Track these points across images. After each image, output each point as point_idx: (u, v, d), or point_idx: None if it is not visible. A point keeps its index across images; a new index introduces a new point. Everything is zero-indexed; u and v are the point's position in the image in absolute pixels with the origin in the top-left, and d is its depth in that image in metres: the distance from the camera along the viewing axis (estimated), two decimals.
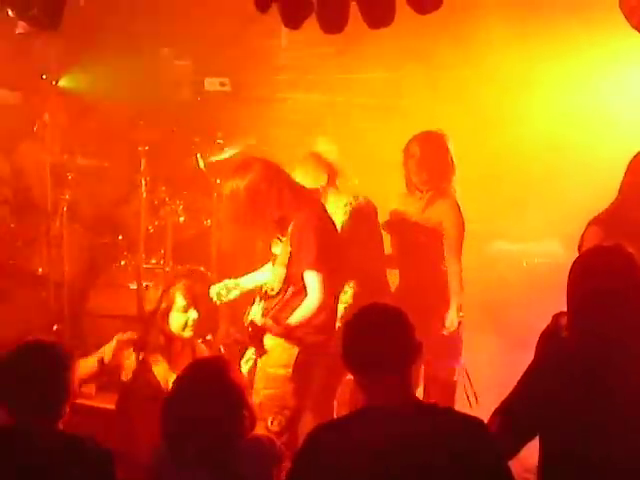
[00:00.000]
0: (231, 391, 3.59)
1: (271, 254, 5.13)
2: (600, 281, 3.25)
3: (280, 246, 4.97)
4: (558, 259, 7.00)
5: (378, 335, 3.08)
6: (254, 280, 5.33)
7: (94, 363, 4.87)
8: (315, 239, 4.80)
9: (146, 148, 6.99)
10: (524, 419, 3.29)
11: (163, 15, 7.39)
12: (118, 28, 7.51)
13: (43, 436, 3.30)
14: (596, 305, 3.23)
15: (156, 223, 7.24)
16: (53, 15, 4.76)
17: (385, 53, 7.41)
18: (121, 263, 7.25)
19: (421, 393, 5.51)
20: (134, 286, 7.01)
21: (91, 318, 7.00)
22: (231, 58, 7.91)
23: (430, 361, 5.39)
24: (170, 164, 7.51)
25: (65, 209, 6.92)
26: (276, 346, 4.89)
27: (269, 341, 4.89)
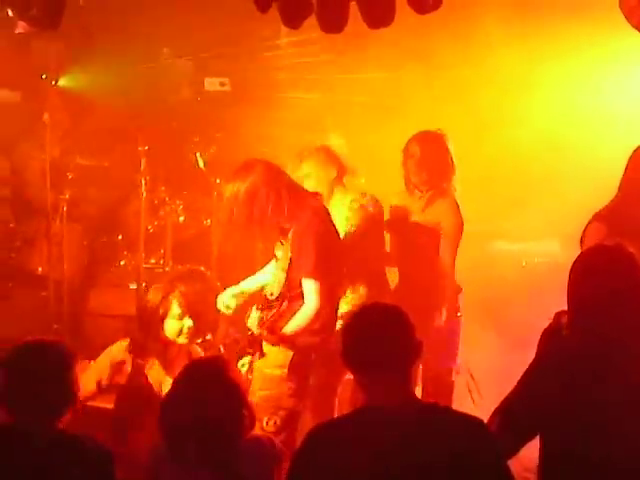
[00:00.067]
0: (230, 391, 3.59)
1: (272, 254, 5.11)
2: (601, 280, 3.25)
3: (282, 250, 4.94)
4: (558, 259, 7.01)
5: (378, 334, 3.08)
6: (257, 282, 5.31)
7: (93, 387, 4.85)
8: (315, 246, 4.76)
9: (146, 148, 6.99)
10: (524, 418, 3.29)
11: (163, 15, 7.38)
12: (118, 28, 7.50)
13: (42, 436, 3.29)
14: (597, 304, 3.24)
15: (156, 223, 7.25)
16: (53, 15, 4.77)
17: (385, 53, 7.41)
18: (121, 263, 7.27)
19: (419, 392, 5.51)
20: (134, 286, 7.02)
21: (91, 317, 7.03)
22: (231, 58, 7.92)
23: (428, 360, 5.38)
24: (170, 164, 7.52)
25: (65, 209, 6.93)
26: (272, 347, 4.88)
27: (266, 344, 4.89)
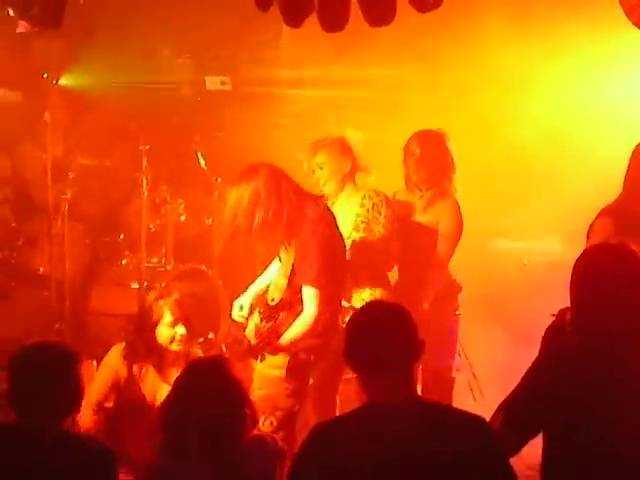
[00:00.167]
0: (232, 389, 3.59)
1: (276, 253, 5.07)
2: (603, 278, 3.25)
3: (285, 254, 4.88)
4: (559, 256, 7.01)
5: (381, 333, 3.08)
6: (263, 282, 5.22)
7: (92, 409, 4.77)
8: (319, 254, 4.68)
9: (147, 147, 7.00)
10: (527, 416, 3.29)
11: (163, 14, 7.38)
12: (118, 27, 7.50)
13: (45, 435, 3.29)
14: (599, 302, 3.24)
15: (157, 222, 7.24)
16: (54, 14, 4.77)
17: (386, 51, 7.41)
18: (122, 262, 7.26)
19: (419, 390, 5.50)
20: (135, 285, 7.02)
21: (93, 317, 7.02)
22: (232, 57, 7.91)
23: (428, 358, 5.38)
24: (171, 163, 7.52)
25: (66, 208, 6.92)
26: None
27: None
